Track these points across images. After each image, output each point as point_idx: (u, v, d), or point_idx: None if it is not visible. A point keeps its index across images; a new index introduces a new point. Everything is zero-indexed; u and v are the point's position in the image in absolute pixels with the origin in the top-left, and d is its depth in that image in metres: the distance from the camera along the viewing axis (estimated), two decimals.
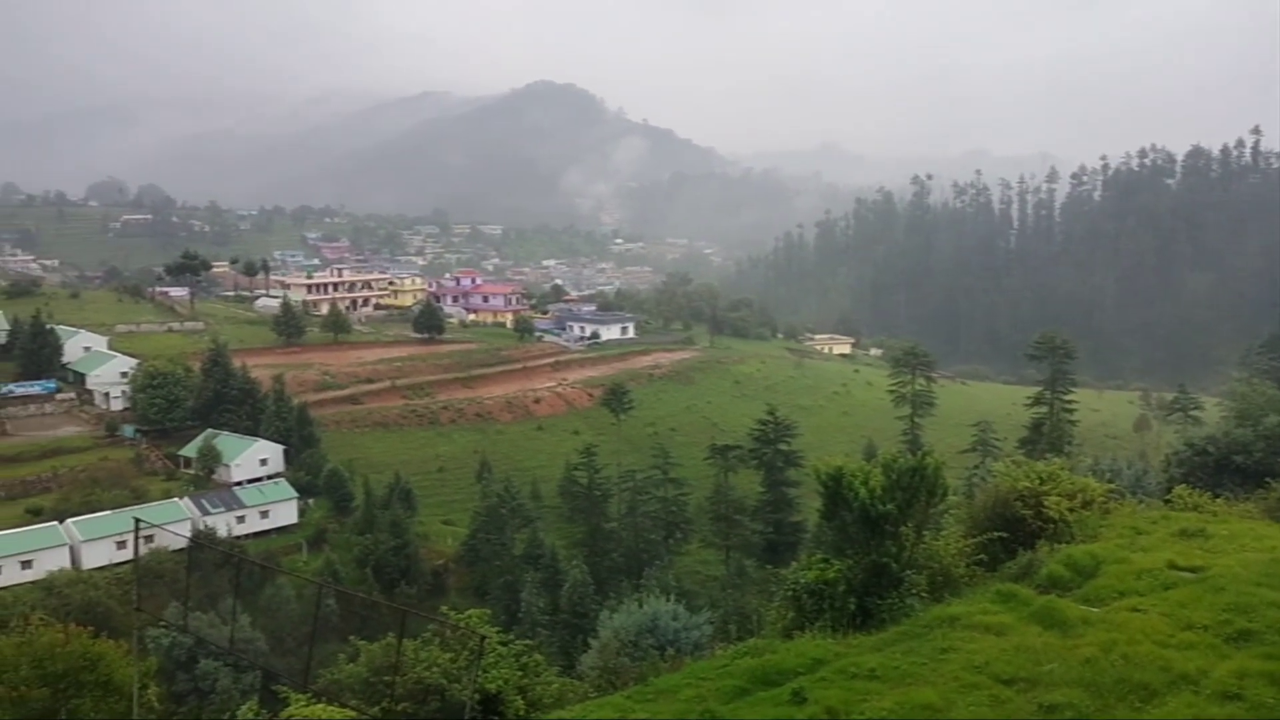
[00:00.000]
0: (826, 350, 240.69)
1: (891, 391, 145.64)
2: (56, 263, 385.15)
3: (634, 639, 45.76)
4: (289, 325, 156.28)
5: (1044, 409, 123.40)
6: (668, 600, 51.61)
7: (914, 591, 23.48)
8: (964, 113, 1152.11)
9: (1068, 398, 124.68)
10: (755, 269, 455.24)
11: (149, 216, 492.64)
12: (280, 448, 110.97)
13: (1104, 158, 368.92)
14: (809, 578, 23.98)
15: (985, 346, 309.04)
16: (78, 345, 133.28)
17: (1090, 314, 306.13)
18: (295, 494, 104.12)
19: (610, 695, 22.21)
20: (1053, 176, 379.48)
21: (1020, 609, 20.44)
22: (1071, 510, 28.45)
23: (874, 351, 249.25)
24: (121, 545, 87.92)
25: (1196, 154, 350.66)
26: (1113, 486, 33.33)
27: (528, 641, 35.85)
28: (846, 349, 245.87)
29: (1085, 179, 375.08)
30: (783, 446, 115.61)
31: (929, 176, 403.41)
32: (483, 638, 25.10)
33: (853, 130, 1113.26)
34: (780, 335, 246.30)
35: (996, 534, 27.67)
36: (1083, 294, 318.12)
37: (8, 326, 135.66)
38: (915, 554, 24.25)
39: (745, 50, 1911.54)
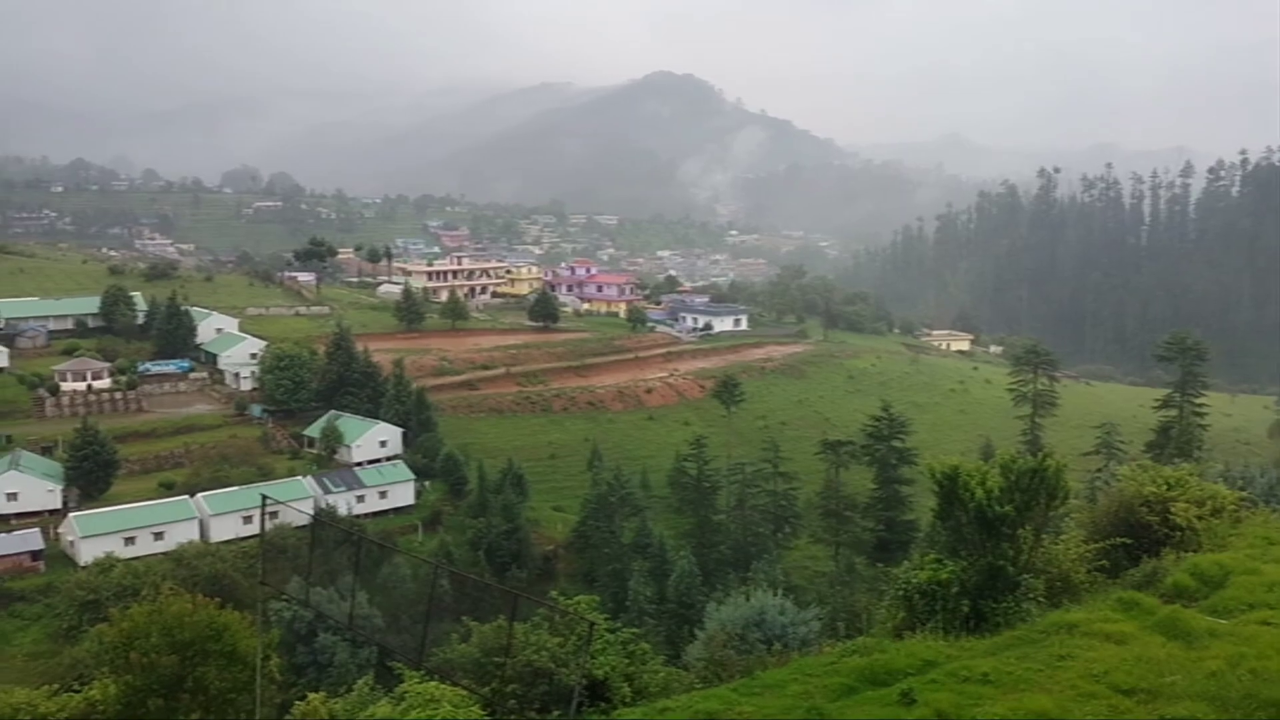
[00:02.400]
0: (944, 347, 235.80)
1: (1011, 390, 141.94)
2: (192, 247, 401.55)
3: (740, 632, 45.72)
4: (409, 311, 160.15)
5: (1173, 412, 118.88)
6: (775, 595, 51.41)
7: (1031, 596, 22.95)
8: (1095, 105, 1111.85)
9: (1198, 401, 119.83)
10: (872, 262, 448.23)
11: (279, 203, 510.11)
12: (399, 430, 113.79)
13: (1243, 152, 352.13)
14: (921, 578, 23.63)
15: (1112, 346, 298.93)
16: (210, 327, 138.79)
17: (1224, 314, 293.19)
18: (412, 476, 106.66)
19: (716, 687, 22.21)
20: (1188, 171, 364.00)
21: (1143, 618, 19.80)
22: (1200, 518, 27.46)
23: (994, 349, 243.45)
24: (248, 520, 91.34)
25: None
26: (1244, 494, 31.99)
27: (635, 630, 36.12)
28: (965, 346, 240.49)
29: (1223, 174, 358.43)
30: (896, 443, 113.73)
31: (1056, 170, 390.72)
32: (591, 624, 25.36)
33: (978, 121, 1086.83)
34: (896, 330, 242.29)
35: (1119, 540, 26.87)
36: (1217, 293, 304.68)
37: (146, 308, 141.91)
38: (1033, 558, 23.71)
39: (867, 39, 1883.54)
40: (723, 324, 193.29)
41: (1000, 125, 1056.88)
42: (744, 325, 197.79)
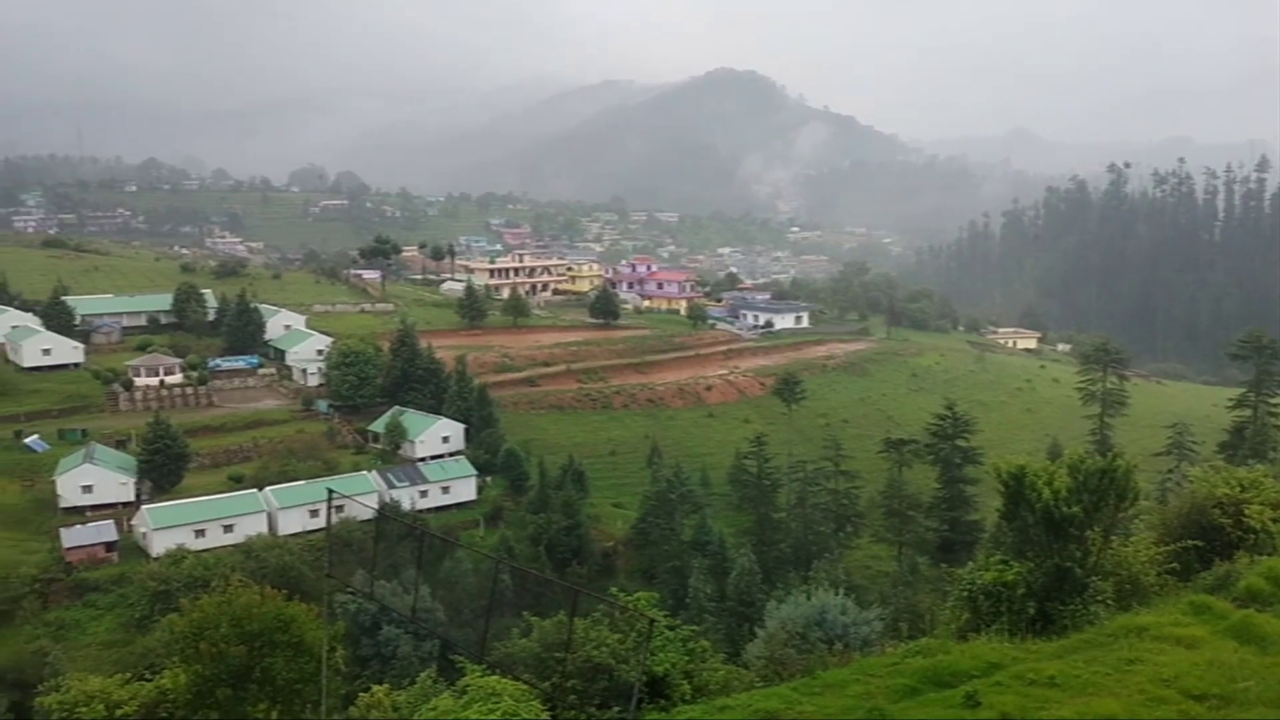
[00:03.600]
0: (1010, 345, 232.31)
1: (1080, 389, 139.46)
2: (261, 245, 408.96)
3: (801, 631, 45.43)
4: (472, 308, 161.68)
5: (1247, 412, 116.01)
6: (836, 594, 51.04)
7: (1099, 598, 22.57)
8: (1166, 98, 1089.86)
9: (1274, 400, 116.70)
10: (936, 259, 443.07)
11: (345, 201, 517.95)
12: (461, 426, 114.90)
13: None
14: (986, 579, 23.35)
15: (1184, 344, 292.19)
16: (278, 323, 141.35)
17: None
18: (474, 471, 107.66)
19: (776, 686, 22.13)
20: (1263, 166, 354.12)
21: (1215, 622, 19.36)
22: (1275, 520, 26.76)
23: (1061, 347, 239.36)
24: (314, 514, 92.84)
25: None
26: None
27: (694, 627, 36.12)
28: (1032, 344, 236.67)
29: None
30: (961, 442, 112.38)
31: (1126, 165, 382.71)
32: (651, 621, 25.36)
33: (1045, 115, 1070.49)
34: (961, 328, 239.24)
35: (1191, 543, 26.34)
36: None
37: (216, 305, 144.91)
38: (1101, 560, 23.32)
39: (932, 33, 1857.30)
40: (784, 321, 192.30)
41: (1069, 119, 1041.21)
42: (805, 322, 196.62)
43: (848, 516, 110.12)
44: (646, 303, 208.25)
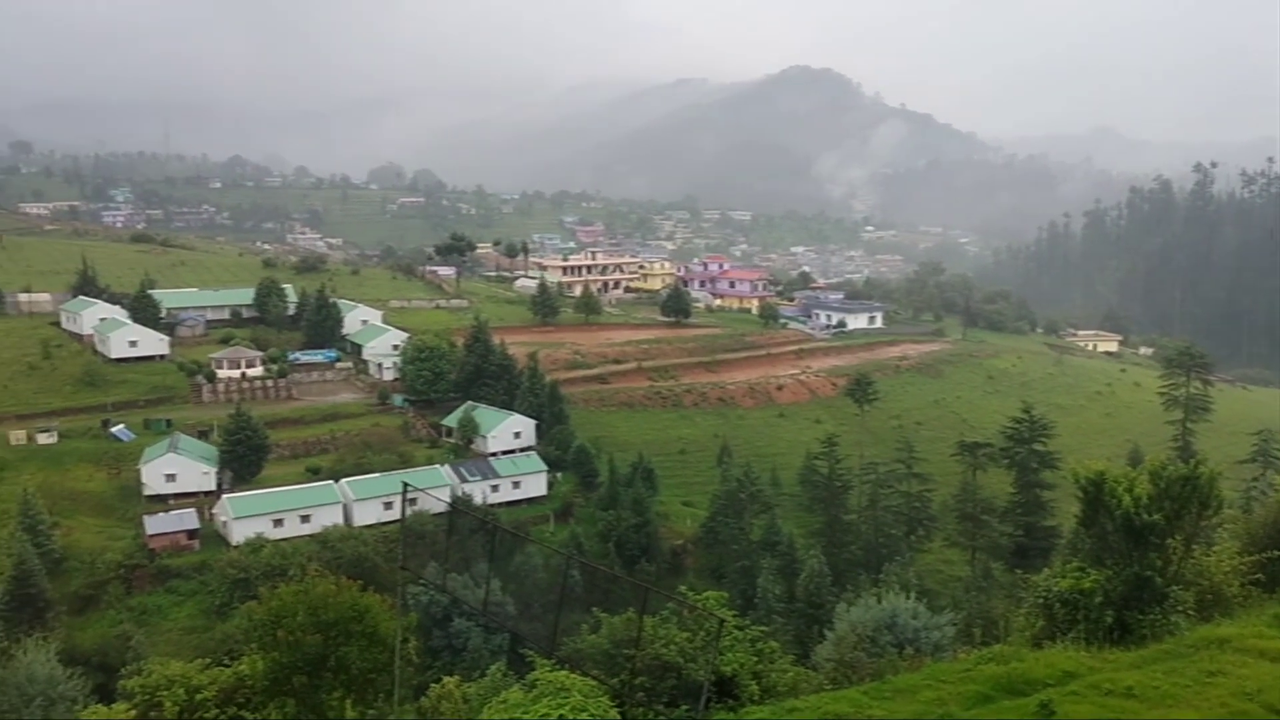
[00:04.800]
0: (1090, 347, 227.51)
1: (1162, 394, 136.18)
2: (340, 241, 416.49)
3: (871, 634, 45.09)
4: (544, 305, 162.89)
5: None
6: (908, 598, 50.53)
7: (1179, 609, 22.08)
8: (1255, 97, 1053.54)
9: None
10: (1014, 259, 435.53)
11: (422, 199, 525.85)
12: (532, 422, 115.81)
13: None
14: (1062, 586, 22.99)
15: (1270, 349, 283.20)
16: (356, 318, 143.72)
17: None
18: (545, 467, 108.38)
19: (845, 689, 22.01)
20: None
21: None
22: None
23: (1143, 350, 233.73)
24: (388, 506, 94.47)
25: None
26: None
27: (763, 628, 36.07)
28: (1112, 347, 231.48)
29: None
30: (1038, 446, 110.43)
31: (1213, 164, 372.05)
32: (721, 621, 25.39)
33: (1130, 114, 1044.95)
34: (1039, 330, 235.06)
35: (1277, 553, 25.57)
36: None
37: (296, 299, 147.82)
38: (1182, 569, 22.81)
39: (1012, 29, 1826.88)
40: (857, 321, 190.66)
41: (1154, 117, 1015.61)
42: (879, 323, 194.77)
43: (920, 520, 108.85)
44: (718, 301, 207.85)
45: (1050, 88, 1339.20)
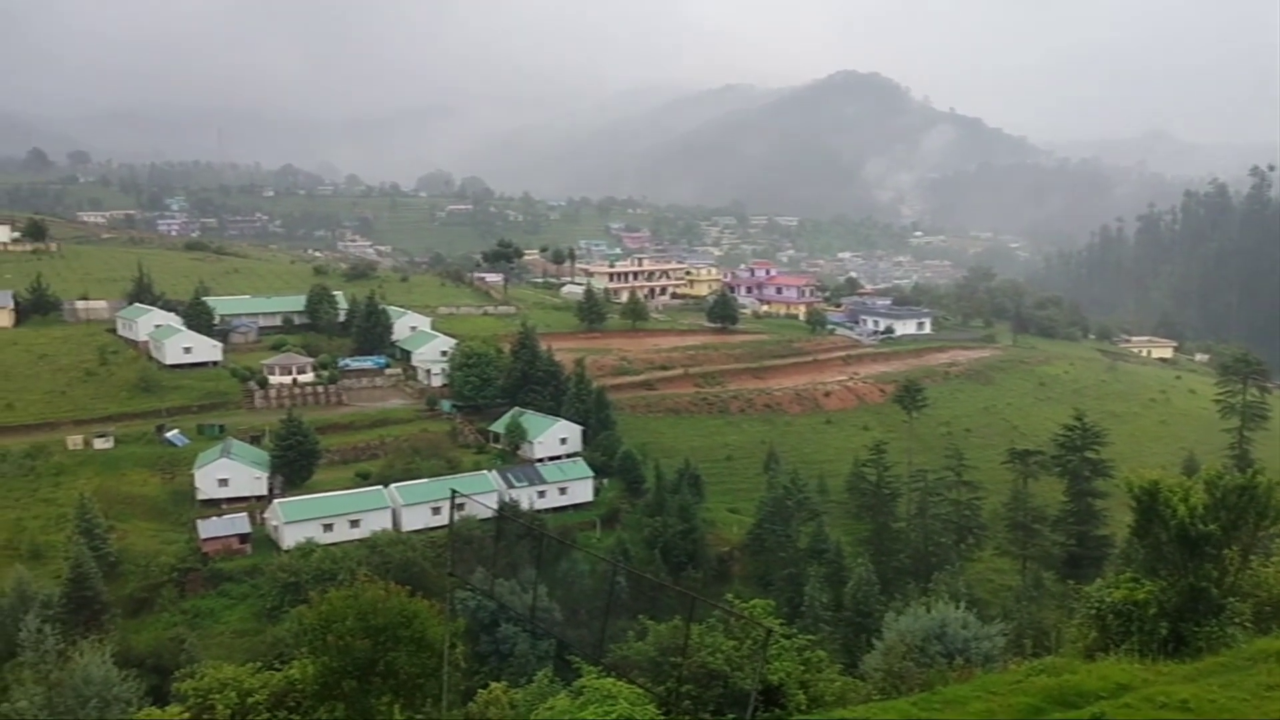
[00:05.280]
0: (1144, 354, 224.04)
1: (1218, 401, 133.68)
2: (389, 248, 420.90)
3: (920, 644, 44.70)
4: (591, 311, 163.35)
5: None
6: (957, 607, 50.03)
7: (1236, 621, 21.66)
8: None
9: None
10: (1066, 265, 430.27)
11: (470, 206, 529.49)
12: (579, 428, 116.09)
13: None
14: (1116, 597, 22.65)
15: None
16: (405, 325, 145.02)
17: None
18: (591, 473, 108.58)
19: (894, 700, 21.83)
20: None
21: None
22: None
23: (1199, 357, 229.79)
24: (436, 511, 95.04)
25: None
26: None
27: (810, 636, 35.82)
28: (1167, 353, 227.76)
29: None
30: (1090, 454, 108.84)
31: (1270, 167, 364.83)
32: (769, 631, 25.27)
33: (1184, 117, 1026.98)
34: (1092, 336, 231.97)
35: None
36: None
37: (346, 306, 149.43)
38: (1239, 580, 22.40)
39: (1064, 33, 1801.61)
40: (905, 327, 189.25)
41: (1209, 120, 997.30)
42: (927, 329, 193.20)
43: (970, 528, 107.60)
44: (765, 307, 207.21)
45: (1102, 92, 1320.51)
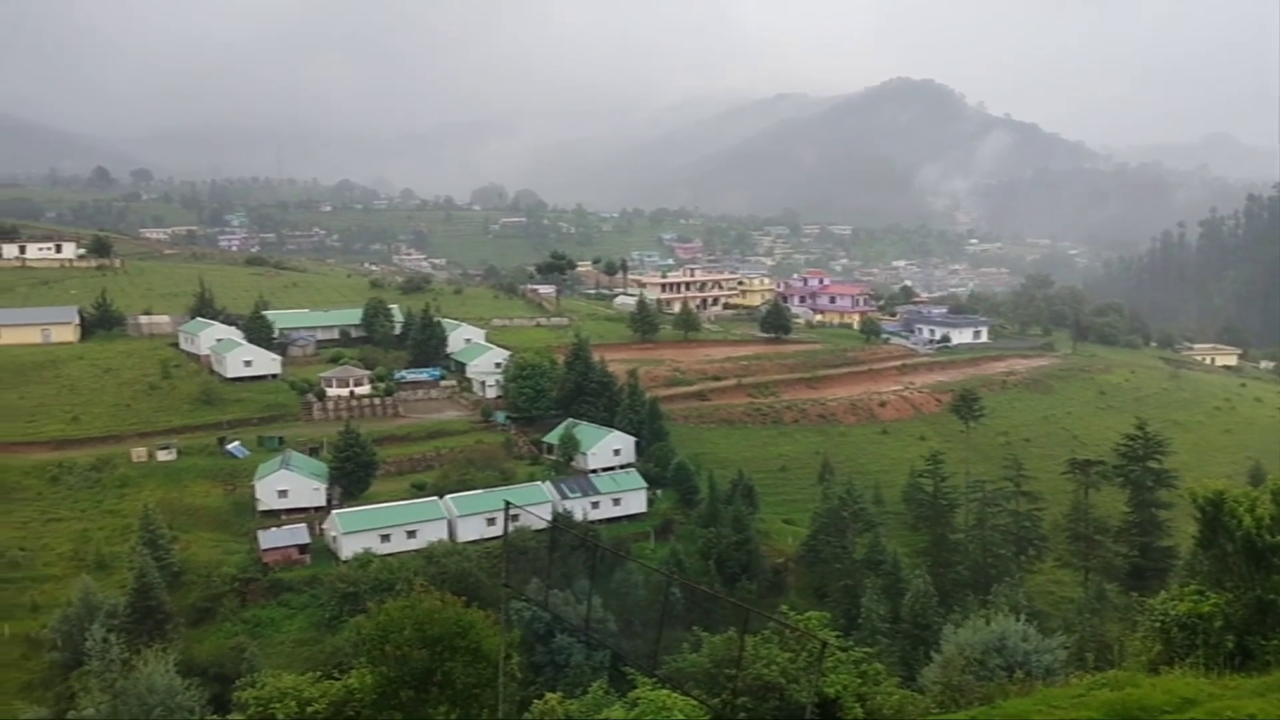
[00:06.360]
0: (1208, 361, 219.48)
1: None
2: (444, 261, 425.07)
3: (980, 657, 44.12)
4: (644, 322, 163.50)
5: None
6: (1017, 620, 49.35)
7: None
8: None
9: None
10: (1126, 271, 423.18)
11: (523, 219, 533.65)
12: (632, 439, 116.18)
13: None
14: (1180, 609, 22.18)
15: None
16: (460, 337, 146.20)
17: None
18: (645, 484, 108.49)
19: (953, 712, 21.57)
20: None
21: None
22: None
23: (1264, 364, 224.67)
24: (491, 522, 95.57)
25: None
26: None
27: (867, 649, 35.52)
28: (1231, 361, 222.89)
29: None
30: (1153, 464, 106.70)
31: None
32: (824, 643, 25.11)
33: (1246, 119, 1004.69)
34: (1153, 344, 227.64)
35: None
36: None
37: (402, 319, 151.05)
38: None
39: (1122, 35, 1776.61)
40: (961, 336, 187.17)
41: (1273, 122, 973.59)
42: (984, 337, 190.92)
43: (1030, 539, 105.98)
44: (818, 317, 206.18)
45: (1161, 94, 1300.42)
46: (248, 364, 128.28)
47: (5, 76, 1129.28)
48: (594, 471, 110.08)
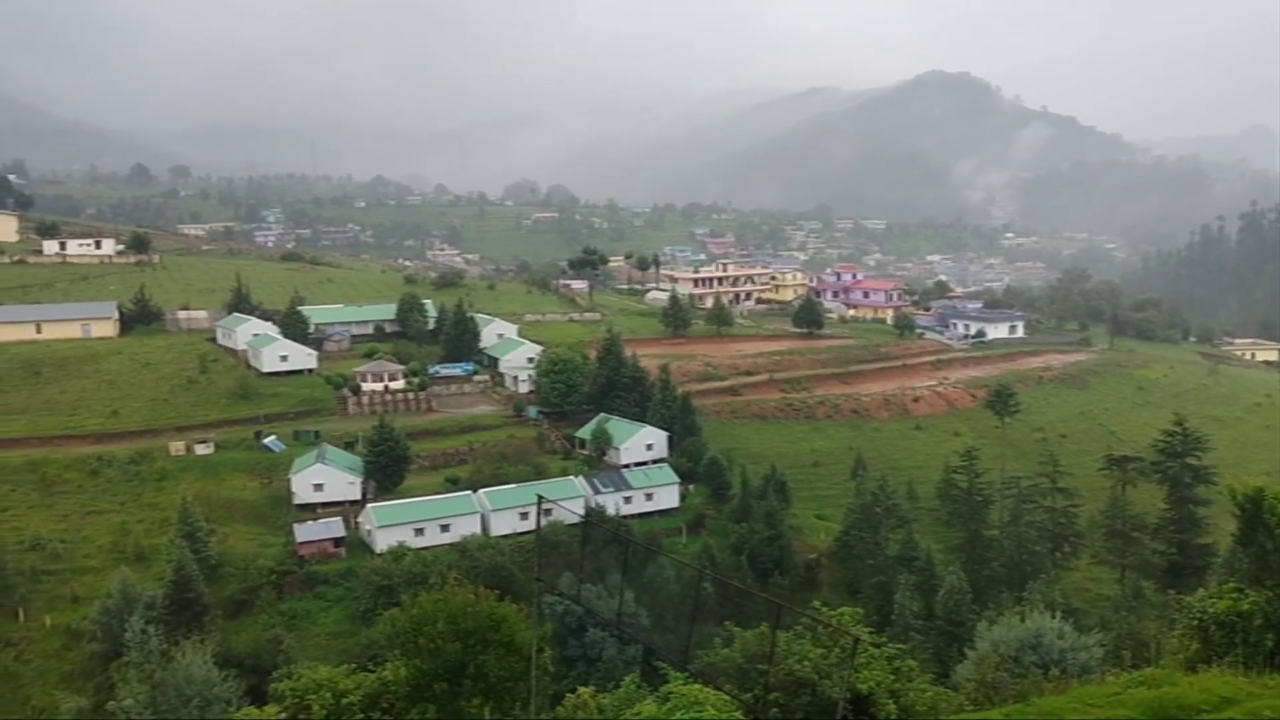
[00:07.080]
0: (1248, 357, 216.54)
1: None
2: (477, 257, 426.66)
3: (1014, 654, 43.81)
4: (676, 317, 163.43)
5: None
6: (1053, 617, 48.94)
7: None
8: None
9: None
10: (1164, 265, 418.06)
11: (555, 214, 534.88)
12: (664, 434, 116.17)
13: None
14: (1219, 607, 21.92)
15: None
16: (492, 332, 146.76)
17: None
18: (677, 479, 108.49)
19: (987, 710, 21.44)
20: None
21: None
22: None
23: None
24: (523, 516, 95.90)
25: None
26: None
27: (900, 645, 35.35)
28: (1272, 356, 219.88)
29: None
30: (1192, 460, 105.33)
31: None
32: (856, 639, 25.00)
33: None
34: (1192, 339, 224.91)
35: None
36: None
37: (436, 314, 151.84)
38: None
39: (1158, 28, 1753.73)
40: (996, 331, 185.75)
41: None
42: (1020, 332, 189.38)
43: (1065, 536, 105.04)
44: (851, 312, 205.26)
45: (1200, 87, 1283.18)
46: (284, 359, 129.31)
47: (45, 75, 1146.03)
48: (626, 466, 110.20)
